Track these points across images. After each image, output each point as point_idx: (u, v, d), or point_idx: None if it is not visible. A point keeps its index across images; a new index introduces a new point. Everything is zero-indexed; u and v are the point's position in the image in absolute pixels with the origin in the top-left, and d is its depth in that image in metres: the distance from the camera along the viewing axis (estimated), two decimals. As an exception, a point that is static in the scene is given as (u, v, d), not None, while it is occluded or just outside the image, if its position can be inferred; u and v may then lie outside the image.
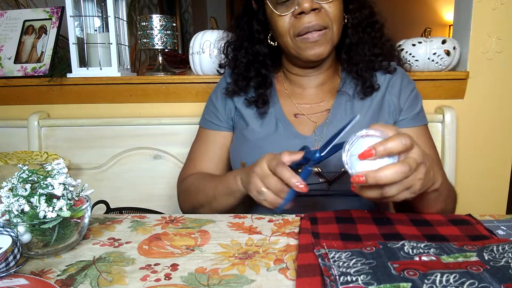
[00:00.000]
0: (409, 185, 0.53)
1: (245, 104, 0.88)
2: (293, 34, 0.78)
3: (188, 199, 0.87)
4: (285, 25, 0.79)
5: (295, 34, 0.78)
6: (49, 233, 0.52)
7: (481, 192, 1.22)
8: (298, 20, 0.77)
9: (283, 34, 0.80)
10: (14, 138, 1.23)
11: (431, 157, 0.60)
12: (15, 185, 0.54)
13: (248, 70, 0.88)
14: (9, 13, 1.29)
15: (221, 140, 0.92)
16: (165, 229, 0.63)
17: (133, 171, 1.21)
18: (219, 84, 0.95)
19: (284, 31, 0.79)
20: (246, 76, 0.88)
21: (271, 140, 0.83)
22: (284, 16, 0.78)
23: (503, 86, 1.16)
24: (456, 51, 1.12)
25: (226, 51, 0.94)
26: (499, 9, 1.12)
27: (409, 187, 0.53)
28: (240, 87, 0.88)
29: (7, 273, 0.45)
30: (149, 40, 1.22)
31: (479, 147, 1.20)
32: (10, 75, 1.23)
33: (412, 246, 0.50)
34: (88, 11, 1.22)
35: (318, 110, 0.86)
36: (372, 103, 0.83)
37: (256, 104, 0.86)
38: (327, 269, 0.45)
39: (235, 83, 0.89)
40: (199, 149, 0.93)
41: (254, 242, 0.57)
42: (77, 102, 1.25)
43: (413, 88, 0.86)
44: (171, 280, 0.47)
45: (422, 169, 0.53)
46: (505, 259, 0.46)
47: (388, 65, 0.86)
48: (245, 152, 0.85)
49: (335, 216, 0.63)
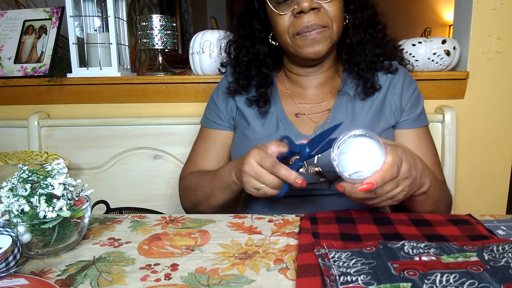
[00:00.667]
0: (392, 197, 0.58)
1: (246, 104, 0.88)
2: (292, 33, 0.78)
3: (188, 196, 0.88)
4: (284, 24, 0.79)
5: (294, 33, 0.78)
6: (49, 233, 0.52)
7: (481, 192, 1.22)
8: (298, 19, 0.77)
9: (283, 33, 0.80)
10: (14, 138, 1.23)
11: (421, 163, 0.63)
12: (15, 185, 0.54)
13: (250, 69, 0.88)
14: (9, 13, 1.29)
15: (222, 139, 0.92)
16: (165, 229, 0.63)
17: (133, 171, 1.21)
18: (221, 83, 0.95)
19: (283, 30, 0.79)
20: (247, 75, 0.88)
21: (272, 139, 0.83)
22: (283, 15, 0.78)
23: (503, 86, 1.16)
24: (456, 51, 1.12)
25: (228, 50, 0.95)
26: (499, 9, 1.12)
27: (391, 197, 0.58)
28: (241, 85, 0.88)
29: (7, 273, 0.45)
30: (149, 40, 1.22)
31: (479, 147, 1.20)
32: (10, 75, 1.23)
33: (412, 246, 0.50)
34: (88, 11, 1.22)
35: (319, 110, 0.86)
36: (374, 103, 0.83)
37: (257, 104, 0.86)
38: (327, 269, 0.45)
39: (237, 81, 0.89)
40: (200, 148, 0.93)
41: (254, 242, 0.57)
42: (77, 102, 1.25)
43: (415, 88, 0.86)
44: (171, 280, 0.47)
45: (407, 182, 0.58)
46: (505, 259, 0.46)
47: (390, 65, 0.86)
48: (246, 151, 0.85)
49: (335, 216, 0.63)
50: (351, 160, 0.53)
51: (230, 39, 0.94)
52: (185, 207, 0.90)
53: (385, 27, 0.87)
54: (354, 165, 0.53)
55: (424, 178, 0.63)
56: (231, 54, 0.94)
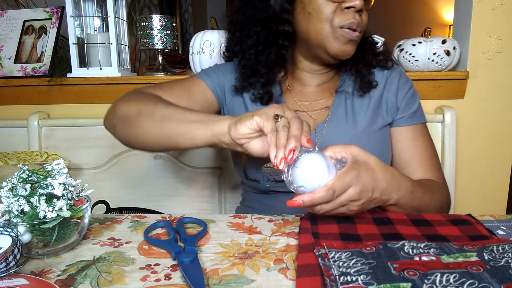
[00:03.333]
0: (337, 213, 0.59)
1: (250, 99, 0.86)
2: (338, 24, 0.75)
3: (139, 100, 0.73)
4: (329, 12, 0.74)
5: (339, 25, 0.75)
6: (49, 233, 0.52)
7: (481, 192, 1.22)
8: (347, 13, 0.75)
9: (324, 20, 0.75)
10: (14, 138, 1.23)
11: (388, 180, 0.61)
12: (15, 185, 0.54)
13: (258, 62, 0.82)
14: (9, 13, 1.29)
15: (210, 96, 0.86)
16: (165, 229, 0.63)
17: (133, 171, 1.21)
18: (233, 64, 0.89)
19: (326, 18, 0.75)
20: (255, 69, 0.83)
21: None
22: (331, 2, 0.74)
23: (503, 86, 1.16)
24: (456, 51, 1.12)
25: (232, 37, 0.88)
26: (499, 9, 1.12)
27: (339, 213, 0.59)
28: (250, 83, 0.84)
29: (7, 273, 0.45)
30: (149, 40, 1.22)
31: (479, 147, 1.20)
32: (10, 75, 1.23)
33: (412, 246, 0.50)
34: (88, 11, 1.22)
35: (318, 108, 0.86)
36: (371, 100, 0.84)
37: (261, 100, 0.84)
38: (327, 269, 0.45)
39: (244, 78, 0.84)
40: (178, 84, 0.85)
41: (254, 242, 0.57)
42: (77, 102, 1.25)
43: (410, 86, 0.87)
44: (171, 280, 0.47)
45: (355, 203, 0.58)
46: (505, 259, 0.46)
47: (385, 61, 0.86)
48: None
49: (335, 216, 0.63)
50: (299, 175, 0.56)
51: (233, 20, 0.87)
52: (119, 110, 0.74)
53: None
54: (299, 179, 0.56)
55: (390, 194, 0.62)
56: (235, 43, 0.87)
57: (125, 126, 0.73)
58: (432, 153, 0.84)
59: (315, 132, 0.82)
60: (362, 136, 0.81)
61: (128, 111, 0.72)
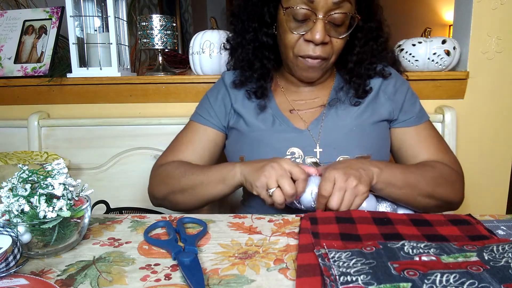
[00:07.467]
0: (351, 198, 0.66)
1: (246, 97, 0.88)
2: (296, 53, 0.79)
3: (167, 182, 0.83)
4: (292, 41, 0.79)
5: (298, 54, 0.79)
6: (49, 233, 0.52)
7: (481, 192, 1.22)
8: (305, 45, 0.78)
9: (287, 47, 0.80)
10: (14, 138, 1.23)
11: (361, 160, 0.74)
12: (15, 185, 0.54)
13: (255, 56, 0.87)
14: (9, 13, 1.29)
15: (211, 135, 0.90)
16: (165, 229, 0.63)
17: (133, 171, 1.21)
18: (218, 84, 0.95)
19: (290, 45, 0.80)
20: (251, 63, 0.87)
21: (269, 132, 0.84)
22: (294, 34, 0.78)
23: (503, 86, 1.16)
24: (456, 51, 1.12)
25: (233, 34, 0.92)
26: (499, 9, 1.12)
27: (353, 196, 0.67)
28: (246, 76, 0.88)
29: (7, 273, 0.45)
30: (149, 40, 1.22)
31: (479, 147, 1.20)
32: (10, 75, 1.23)
33: (412, 246, 0.50)
34: (88, 11, 1.22)
35: (313, 106, 0.87)
36: (367, 97, 0.85)
37: (255, 95, 0.87)
38: (327, 269, 0.45)
39: (242, 72, 0.88)
40: (185, 138, 0.91)
41: (254, 242, 0.57)
42: (77, 102, 1.25)
43: (408, 86, 0.89)
44: (171, 280, 0.47)
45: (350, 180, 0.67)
46: (505, 259, 0.46)
47: (383, 69, 0.87)
48: (244, 146, 0.85)
49: (335, 216, 0.63)
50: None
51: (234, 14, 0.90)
52: (158, 194, 0.86)
53: (387, 40, 0.88)
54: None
55: (369, 167, 0.71)
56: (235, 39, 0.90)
57: (170, 205, 0.86)
58: (437, 142, 0.86)
59: (309, 130, 0.83)
60: (357, 131, 0.82)
61: (164, 193, 0.84)
